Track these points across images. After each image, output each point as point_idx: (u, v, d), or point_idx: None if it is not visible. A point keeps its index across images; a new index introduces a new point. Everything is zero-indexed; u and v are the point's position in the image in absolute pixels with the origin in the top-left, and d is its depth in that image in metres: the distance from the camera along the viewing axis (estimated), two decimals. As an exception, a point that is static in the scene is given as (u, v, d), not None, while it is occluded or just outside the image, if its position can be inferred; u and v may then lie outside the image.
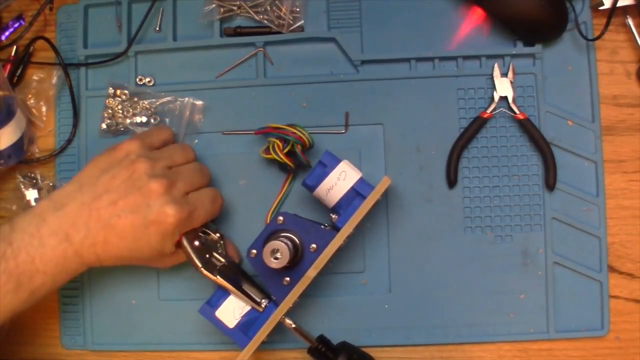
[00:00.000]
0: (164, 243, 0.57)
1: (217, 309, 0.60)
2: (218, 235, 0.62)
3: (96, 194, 0.55)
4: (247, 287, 0.60)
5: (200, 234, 0.61)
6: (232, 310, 0.60)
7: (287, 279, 0.59)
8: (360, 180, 0.59)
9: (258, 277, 0.60)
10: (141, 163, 0.57)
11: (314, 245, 0.58)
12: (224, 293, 0.60)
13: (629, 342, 0.64)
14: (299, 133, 0.62)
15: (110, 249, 0.55)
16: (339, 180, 0.59)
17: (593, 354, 0.64)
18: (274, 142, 0.63)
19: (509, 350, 0.65)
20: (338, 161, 0.60)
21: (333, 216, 0.60)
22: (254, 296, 0.60)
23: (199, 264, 0.60)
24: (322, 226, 0.60)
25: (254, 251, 0.59)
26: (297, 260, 0.58)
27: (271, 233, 0.59)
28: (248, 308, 0.60)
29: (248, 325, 0.60)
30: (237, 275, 0.61)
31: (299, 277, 0.58)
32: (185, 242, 0.59)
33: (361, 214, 0.58)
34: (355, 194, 0.59)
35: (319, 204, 0.62)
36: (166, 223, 0.56)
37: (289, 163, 0.63)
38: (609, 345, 0.64)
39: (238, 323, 0.60)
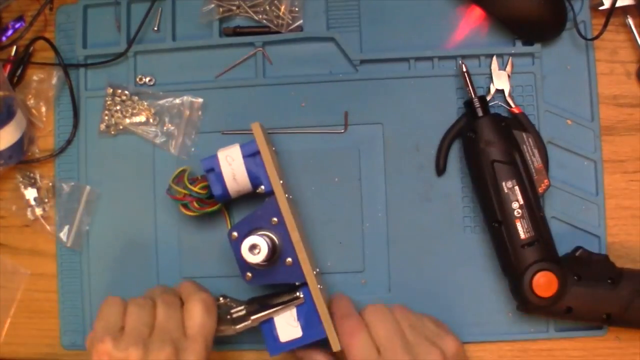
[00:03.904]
0: None
1: (278, 337, 0.59)
2: (222, 299, 0.61)
3: None
4: (277, 300, 0.60)
5: None
6: (287, 324, 0.59)
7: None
8: (242, 147, 0.60)
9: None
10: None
11: (275, 219, 0.59)
12: (268, 323, 0.59)
13: (629, 342, 0.64)
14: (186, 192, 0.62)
15: None
16: (232, 165, 0.60)
17: (593, 354, 0.64)
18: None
19: (509, 350, 0.65)
20: (214, 156, 0.60)
21: (260, 189, 0.60)
22: (288, 298, 0.59)
23: (232, 328, 0.59)
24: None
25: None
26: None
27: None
28: (294, 310, 0.59)
29: (308, 320, 0.59)
30: (263, 302, 0.60)
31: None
32: None
33: (269, 163, 0.59)
34: (252, 158, 0.60)
35: (252, 201, 0.63)
36: None
37: (207, 210, 0.63)
38: (609, 345, 0.64)
39: (302, 326, 0.59)
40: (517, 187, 0.60)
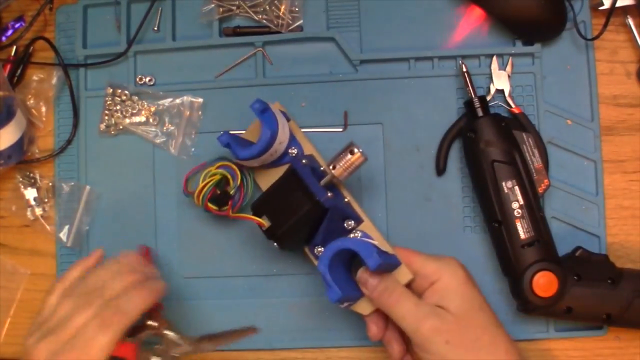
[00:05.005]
0: None
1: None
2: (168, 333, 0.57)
3: None
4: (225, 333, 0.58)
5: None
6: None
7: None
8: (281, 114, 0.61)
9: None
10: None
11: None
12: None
13: (629, 342, 0.64)
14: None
15: None
16: (280, 118, 0.60)
17: (593, 354, 0.64)
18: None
19: (508, 350, 0.65)
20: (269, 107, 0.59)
21: (292, 150, 0.61)
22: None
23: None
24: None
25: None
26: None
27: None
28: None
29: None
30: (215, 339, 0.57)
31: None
32: None
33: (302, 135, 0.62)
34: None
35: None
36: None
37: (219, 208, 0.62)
38: (609, 345, 0.64)
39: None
40: (517, 187, 0.60)
